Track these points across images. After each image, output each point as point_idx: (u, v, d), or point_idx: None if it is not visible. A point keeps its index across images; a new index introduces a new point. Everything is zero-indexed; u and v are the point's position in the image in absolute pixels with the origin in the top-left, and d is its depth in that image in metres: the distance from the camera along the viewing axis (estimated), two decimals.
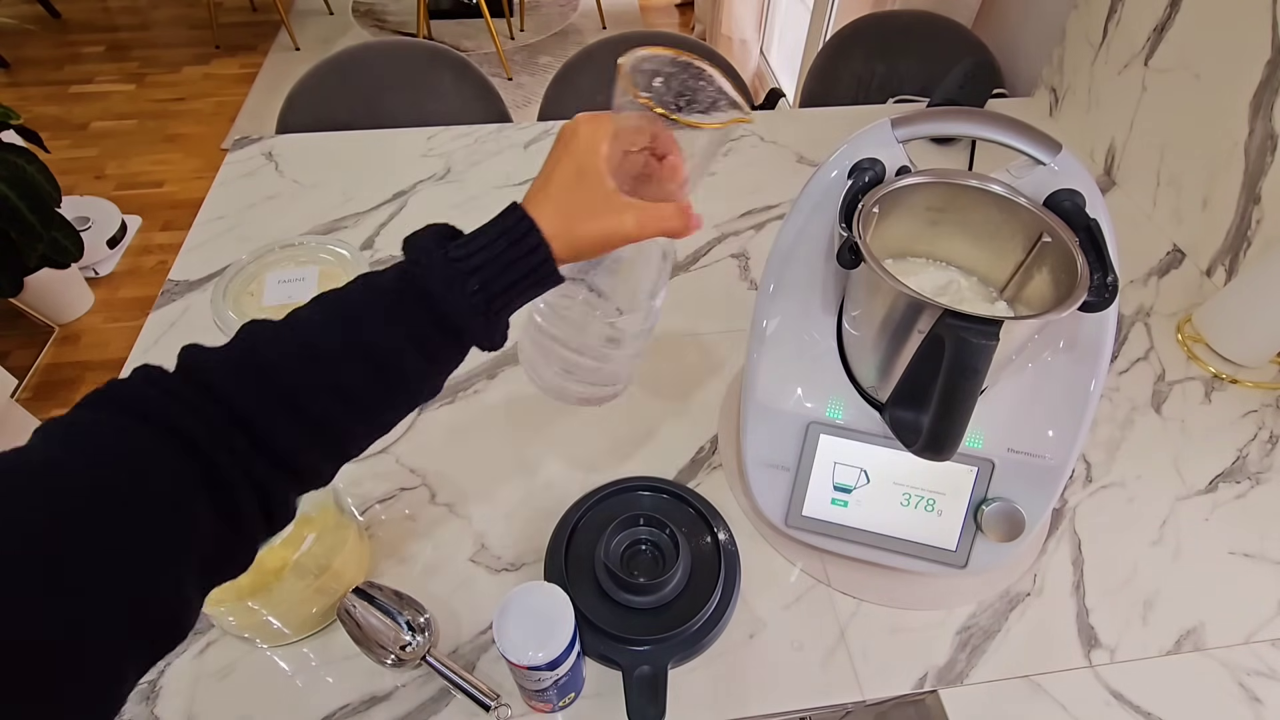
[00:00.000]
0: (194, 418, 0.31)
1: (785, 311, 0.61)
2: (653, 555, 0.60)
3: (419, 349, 0.37)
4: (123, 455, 0.29)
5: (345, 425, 0.36)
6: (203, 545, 0.30)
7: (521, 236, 0.38)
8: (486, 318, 0.38)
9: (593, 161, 0.40)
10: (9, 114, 1.53)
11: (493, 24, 2.85)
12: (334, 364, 0.35)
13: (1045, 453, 0.56)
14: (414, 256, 0.37)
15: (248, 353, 0.34)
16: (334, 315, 0.36)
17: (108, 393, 0.31)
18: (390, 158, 1.08)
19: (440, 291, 0.36)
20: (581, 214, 0.39)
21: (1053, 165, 0.53)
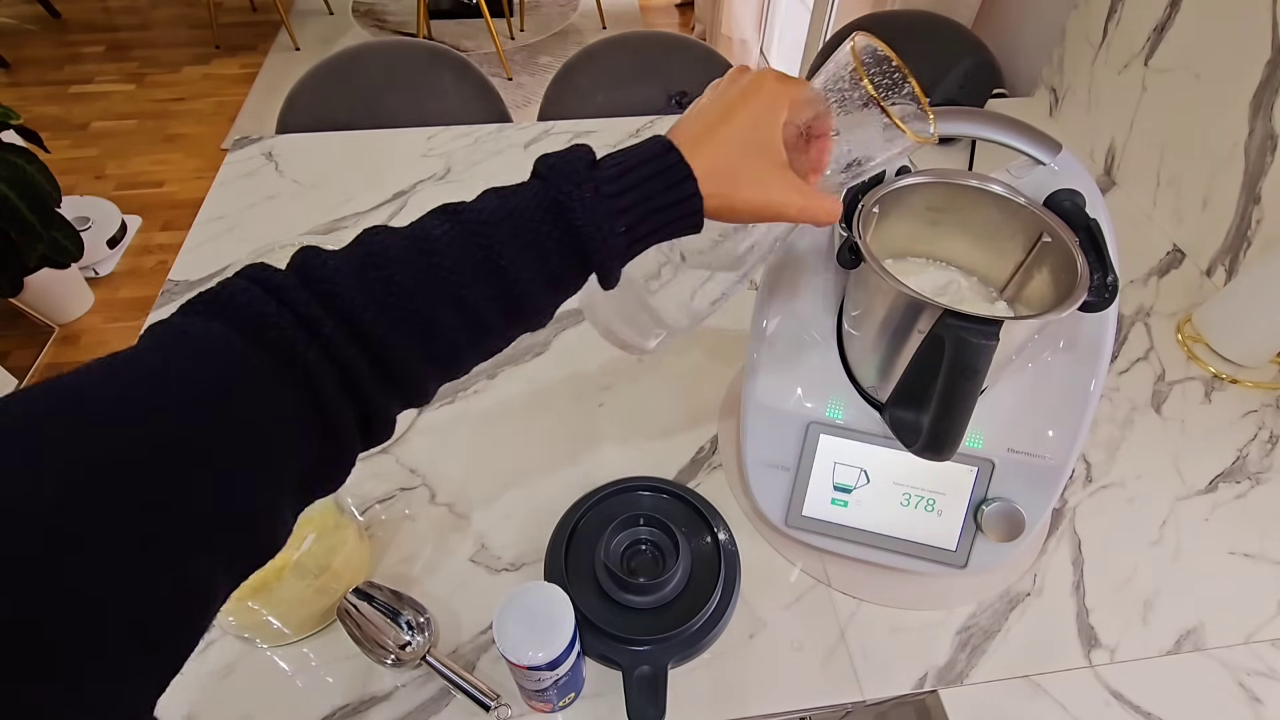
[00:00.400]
0: (308, 331, 0.30)
1: (785, 311, 0.61)
2: (653, 555, 0.60)
3: (548, 277, 0.35)
4: (232, 371, 0.27)
5: (463, 346, 0.35)
6: (304, 464, 0.30)
7: (677, 182, 0.36)
8: (623, 257, 0.36)
9: (773, 124, 0.38)
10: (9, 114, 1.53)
11: (493, 24, 2.85)
12: (465, 283, 0.33)
13: (1045, 453, 0.56)
14: (560, 183, 0.35)
15: (372, 262, 0.32)
16: (467, 231, 0.34)
17: (220, 297, 0.29)
18: (390, 158, 1.07)
19: (589, 227, 0.34)
20: (747, 179, 0.37)
21: (1053, 165, 0.53)
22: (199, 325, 0.28)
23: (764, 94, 0.38)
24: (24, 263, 1.60)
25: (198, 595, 0.25)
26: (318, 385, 0.29)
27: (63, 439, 0.23)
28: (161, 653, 0.24)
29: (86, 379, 0.25)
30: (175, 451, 0.24)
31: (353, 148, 1.09)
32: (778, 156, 0.38)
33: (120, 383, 0.25)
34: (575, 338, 0.82)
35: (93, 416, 0.24)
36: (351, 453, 0.33)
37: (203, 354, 0.27)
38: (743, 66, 0.40)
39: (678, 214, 0.36)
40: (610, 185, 0.35)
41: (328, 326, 0.30)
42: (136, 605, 0.23)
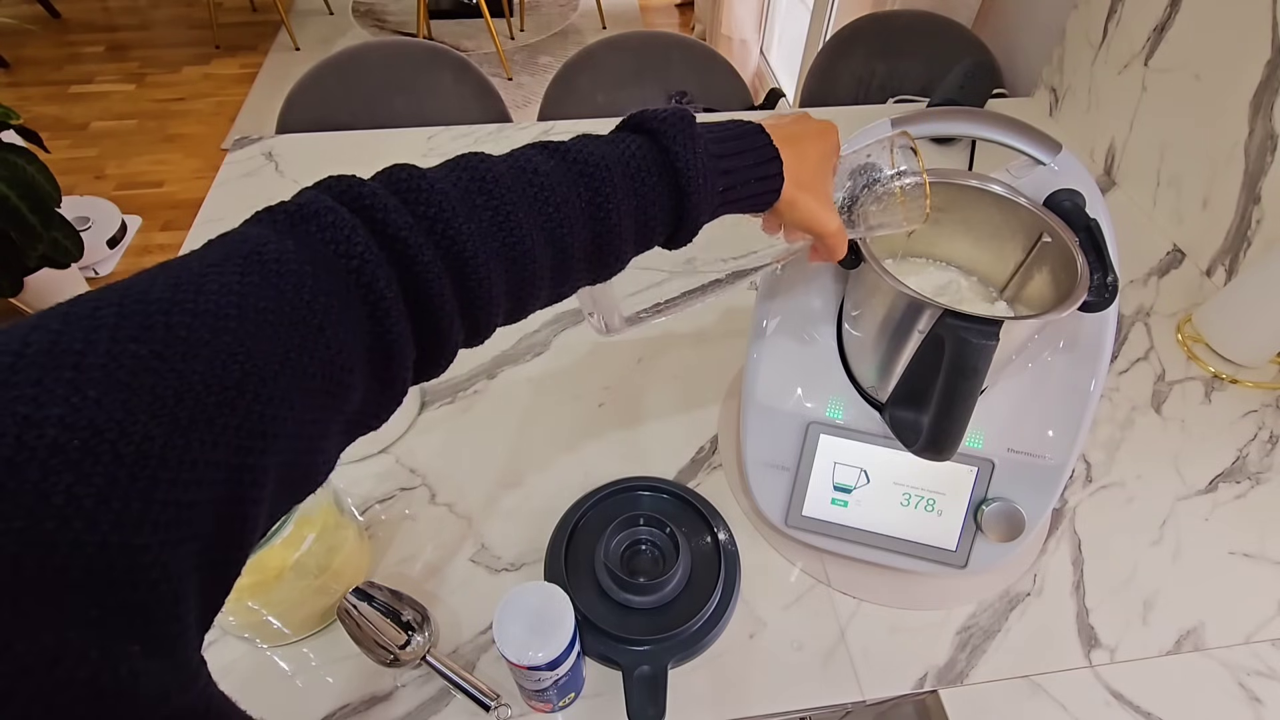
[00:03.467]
0: (397, 260, 0.28)
1: (785, 311, 0.61)
2: (653, 555, 0.60)
3: (641, 226, 0.36)
4: (299, 313, 0.25)
5: (545, 287, 0.35)
6: (358, 398, 0.29)
7: (768, 160, 0.40)
8: (709, 218, 0.39)
9: (831, 162, 0.44)
10: (9, 114, 1.53)
11: (493, 24, 2.85)
12: (570, 222, 0.34)
13: (1045, 453, 0.56)
14: (672, 135, 0.36)
15: (480, 189, 0.32)
16: (576, 171, 0.34)
17: (303, 212, 0.28)
18: (390, 158, 1.06)
19: (696, 180, 0.36)
20: (811, 186, 0.42)
21: (1053, 165, 0.53)
22: (273, 246, 0.26)
23: (833, 138, 0.44)
24: (24, 263, 1.60)
25: (249, 523, 0.25)
26: (389, 324, 0.28)
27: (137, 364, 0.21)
28: (214, 583, 0.24)
29: (140, 308, 0.23)
30: (241, 385, 0.23)
31: (353, 148, 1.09)
32: (830, 183, 0.44)
33: (179, 315, 0.23)
34: (575, 338, 0.82)
35: (162, 343, 0.22)
36: (403, 391, 0.32)
37: (270, 286, 0.25)
38: (808, 115, 0.46)
39: (763, 189, 0.40)
40: (716, 147, 0.38)
41: (427, 254, 0.29)
42: (200, 535, 0.22)
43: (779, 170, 0.40)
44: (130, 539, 0.20)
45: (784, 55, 2.61)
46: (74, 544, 0.19)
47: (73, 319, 0.21)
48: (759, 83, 2.68)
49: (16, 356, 0.20)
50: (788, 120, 0.44)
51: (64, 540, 0.18)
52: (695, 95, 1.31)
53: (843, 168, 0.46)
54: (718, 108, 1.29)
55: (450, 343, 0.32)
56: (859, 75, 1.37)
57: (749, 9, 2.48)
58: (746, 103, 1.34)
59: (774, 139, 0.41)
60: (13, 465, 0.18)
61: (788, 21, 2.56)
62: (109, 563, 0.19)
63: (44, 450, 0.19)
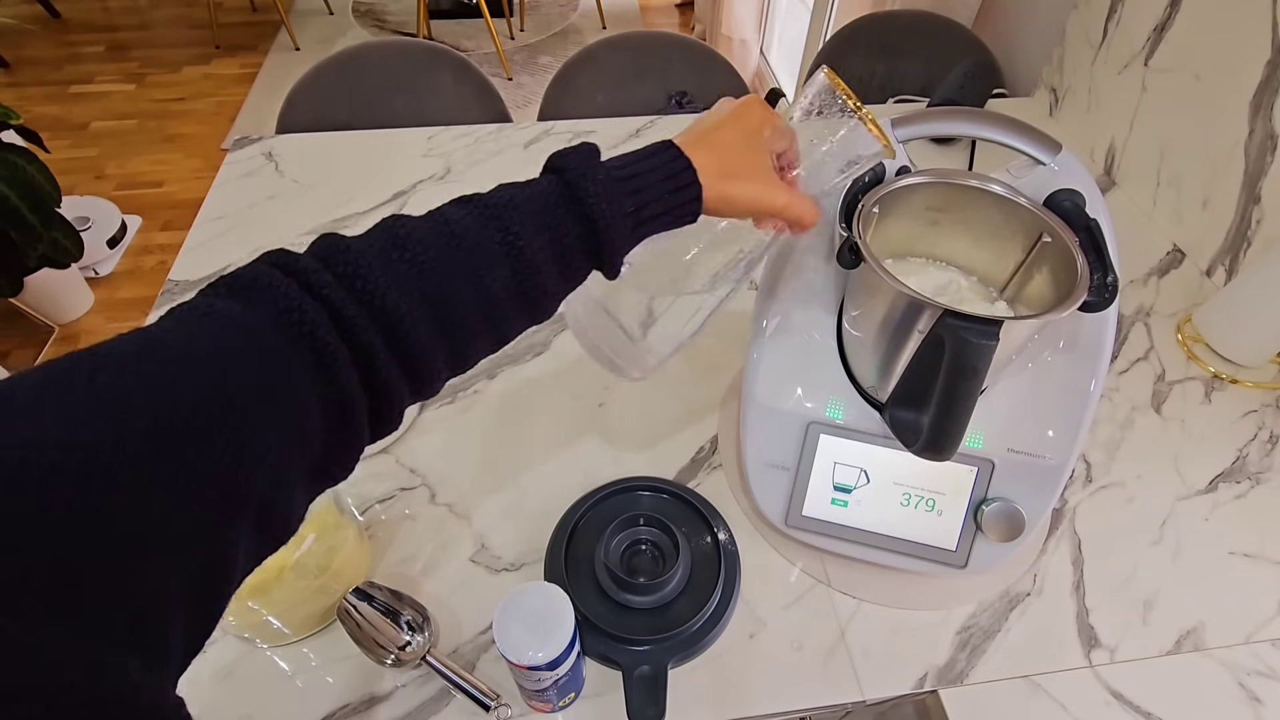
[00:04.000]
0: (329, 314, 0.30)
1: (785, 311, 0.61)
2: (653, 555, 0.60)
3: (560, 260, 0.37)
4: (251, 358, 0.27)
5: (478, 334, 0.36)
6: (317, 448, 0.30)
7: (679, 171, 0.40)
8: (628, 240, 0.39)
9: (760, 136, 0.43)
10: (9, 114, 1.53)
11: (493, 24, 2.85)
12: (485, 265, 0.35)
13: (1045, 453, 0.56)
14: (574, 168, 0.37)
15: (396, 244, 0.33)
16: (486, 216, 0.36)
17: (242, 280, 0.30)
18: (390, 158, 1.07)
19: (600, 205, 0.37)
20: (739, 174, 0.42)
21: (1053, 165, 0.53)
22: (221, 306, 0.28)
23: (754, 112, 0.44)
24: (24, 263, 1.60)
25: (230, 565, 0.26)
26: (335, 370, 0.30)
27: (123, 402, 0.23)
28: (195, 622, 0.25)
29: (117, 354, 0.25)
30: (218, 426, 0.25)
31: (353, 148, 1.09)
32: (765, 159, 0.43)
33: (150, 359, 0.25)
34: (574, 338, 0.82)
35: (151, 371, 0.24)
36: (361, 441, 0.33)
37: (226, 333, 0.27)
38: (730, 98, 0.46)
39: (680, 200, 0.40)
40: (618, 171, 0.39)
41: (350, 309, 0.30)
42: (186, 567, 0.23)
43: (692, 178, 0.40)
44: (128, 551, 0.21)
45: (784, 55, 2.61)
46: (76, 554, 0.20)
47: (55, 368, 0.23)
48: (759, 83, 2.68)
49: (10, 392, 0.22)
50: (702, 118, 0.44)
51: (67, 551, 0.20)
52: (695, 95, 1.31)
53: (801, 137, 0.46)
54: None
55: (394, 392, 0.33)
56: (859, 75, 1.37)
57: (749, 9, 2.48)
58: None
59: (685, 145, 0.41)
60: (16, 483, 0.20)
61: (788, 21, 2.56)
62: (109, 573, 0.21)
63: (44, 469, 0.20)
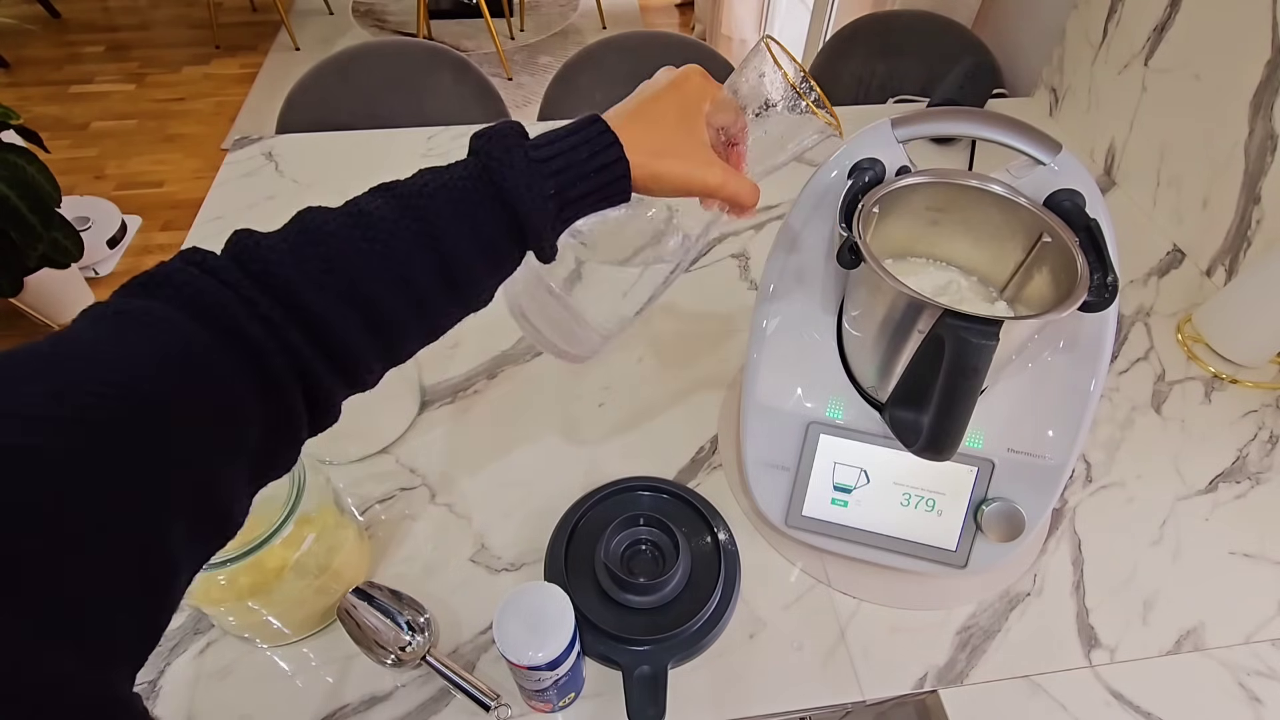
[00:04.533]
0: (248, 309, 0.29)
1: (785, 311, 0.61)
2: (653, 555, 0.60)
3: (484, 247, 0.36)
4: (173, 350, 0.27)
5: (407, 324, 0.35)
6: (251, 444, 0.30)
7: (604, 148, 0.38)
8: (555, 223, 0.37)
9: (697, 109, 0.41)
10: (9, 114, 1.53)
11: (493, 24, 2.85)
12: (402, 257, 0.34)
13: (1045, 453, 0.56)
14: (490, 150, 0.36)
15: (309, 240, 0.33)
16: (401, 205, 0.34)
17: (156, 278, 0.29)
18: (390, 158, 1.07)
19: (519, 190, 0.35)
20: (671, 151, 0.40)
21: (1053, 165, 0.53)
22: (138, 305, 0.28)
23: (691, 84, 0.41)
24: (24, 263, 1.60)
25: (166, 563, 0.26)
26: (263, 360, 0.29)
27: (32, 408, 0.23)
28: (137, 618, 0.25)
29: (26, 355, 0.25)
30: (132, 424, 0.25)
31: (353, 148, 1.09)
32: (700, 135, 0.41)
33: (60, 358, 0.25)
34: None
35: (54, 390, 0.24)
36: (299, 431, 0.33)
37: (146, 329, 0.27)
38: (670, 66, 0.43)
39: (606, 179, 0.38)
40: (538, 151, 0.36)
41: (264, 306, 0.30)
42: (114, 566, 0.23)
43: (618, 154, 0.38)
44: (62, 548, 0.22)
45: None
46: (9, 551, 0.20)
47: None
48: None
49: None
50: (641, 87, 0.42)
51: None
52: None
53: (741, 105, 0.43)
54: None
55: (324, 389, 0.33)
56: (859, 75, 1.37)
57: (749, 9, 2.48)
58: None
59: (614, 119, 0.39)
60: None
61: (788, 21, 2.56)
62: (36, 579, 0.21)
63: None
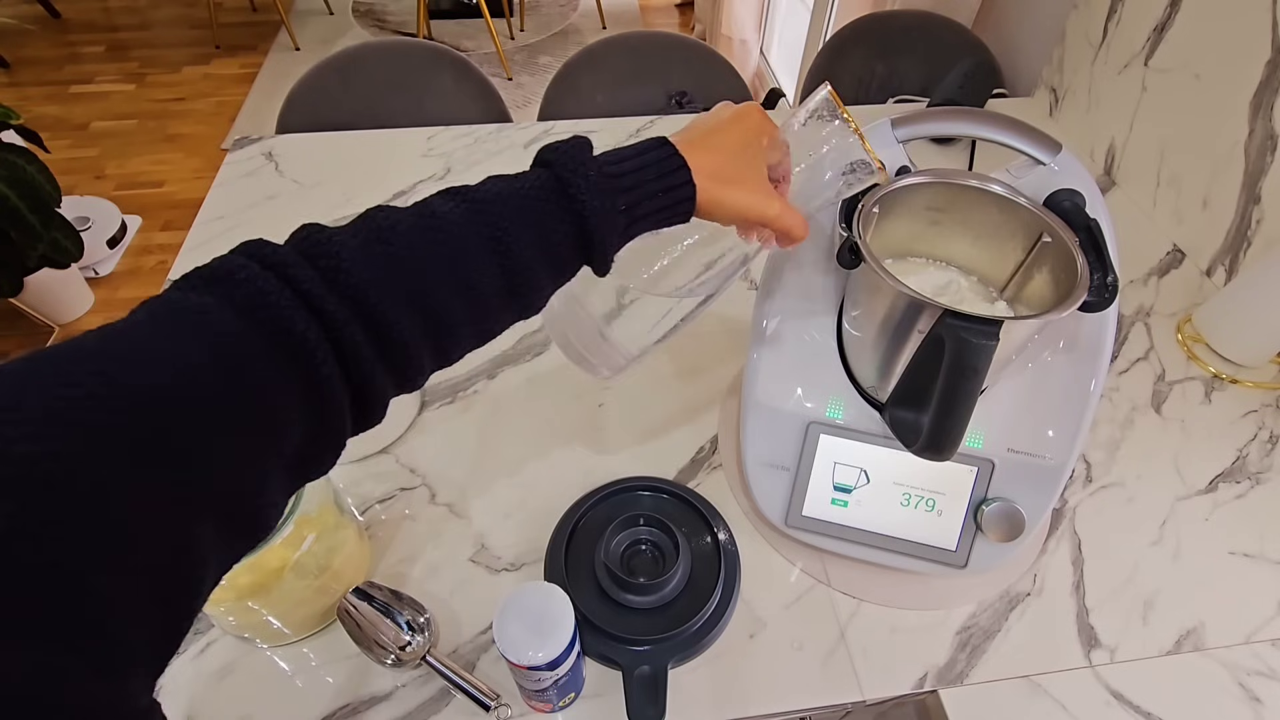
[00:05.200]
0: (307, 307, 0.29)
1: (785, 311, 0.61)
2: (653, 555, 0.60)
3: (549, 256, 0.36)
4: (219, 353, 0.27)
5: (463, 327, 0.35)
6: (295, 443, 0.30)
7: (673, 170, 0.39)
8: (619, 238, 0.39)
9: (758, 143, 0.43)
10: (9, 114, 1.53)
11: (493, 24, 2.85)
12: (469, 260, 0.34)
13: (1045, 453, 0.56)
14: (564, 163, 0.37)
15: (380, 238, 0.33)
16: (472, 210, 0.35)
17: (217, 273, 0.29)
18: (390, 158, 1.07)
19: (591, 203, 0.36)
20: (735, 179, 0.41)
21: (1053, 165, 0.53)
22: (194, 301, 0.28)
23: (753, 118, 0.43)
24: (24, 263, 1.60)
25: (195, 565, 0.25)
26: (314, 364, 0.29)
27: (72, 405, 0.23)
28: (161, 623, 0.24)
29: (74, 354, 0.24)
30: (172, 423, 0.24)
31: (353, 148, 1.09)
32: (761, 167, 0.43)
33: (108, 359, 0.25)
34: None
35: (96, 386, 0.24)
36: (343, 434, 0.32)
37: (197, 330, 0.27)
38: (729, 102, 0.45)
39: (673, 199, 0.39)
40: (611, 167, 0.38)
41: (330, 303, 0.30)
42: (142, 568, 0.23)
43: (686, 177, 0.39)
44: (80, 564, 0.21)
45: (784, 55, 2.61)
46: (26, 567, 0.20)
47: (8, 371, 0.23)
48: (759, 83, 2.68)
49: None
50: (702, 117, 0.44)
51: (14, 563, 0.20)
52: (695, 95, 1.31)
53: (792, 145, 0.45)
54: None
55: (377, 387, 0.32)
56: (859, 75, 1.37)
57: (749, 9, 2.48)
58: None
59: (682, 144, 0.40)
60: None
61: (788, 21, 2.56)
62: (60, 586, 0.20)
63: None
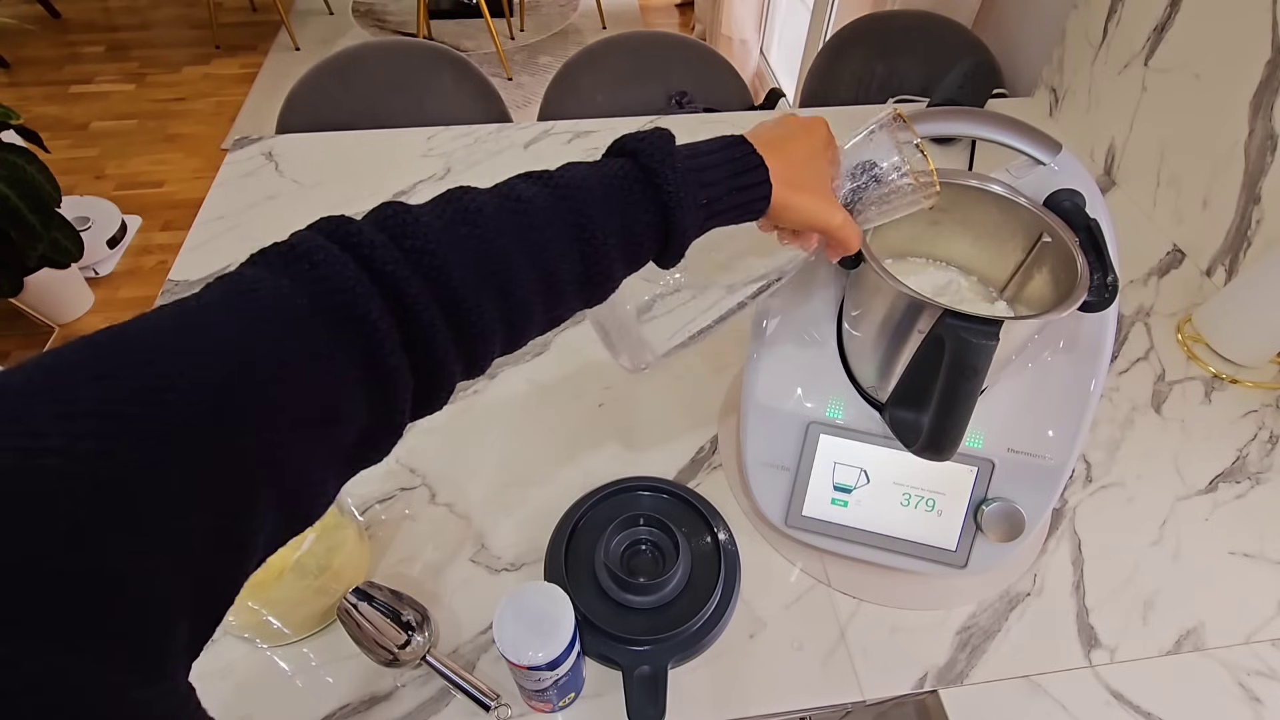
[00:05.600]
0: (386, 293, 0.28)
1: (785, 311, 0.61)
2: (653, 555, 0.60)
3: (629, 245, 0.36)
4: (295, 345, 0.26)
5: (538, 314, 0.35)
6: (355, 432, 0.29)
7: (751, 169, 0.40)
8: (696, 231, 0.39)
9: (824, 156, 0.44)
10: (9, 114, 1.53)
11: (493, 24, 2.85)
12: (551, 246, 0.34)
13: (1045, 453, 0.56)
14: (650, 153, 0.37)
15: (464, 219, 0.32)
16: (557, 195, 0.35)
17: (296, 250, 0.28)
18: (390, 158, 1.07)
19: (677, 194, 0.36)
20: (805, 185, 0.42)
21: (1053, 165, 0.53)
22: (269, 284, 0.27)
23: (822, 132, 0.44)
24: (24, 263, 1.60)
25: (247, 561, 0.25)
26: (383, 356, 0.29)
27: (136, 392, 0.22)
28: (206, 617, 0.24)
29: (150, 338, 0.24)
30: (241, 419, 0.24)
31: (353, 148, 1.09)
32: (826, 178, 0.44)
33: (184, 344, 0.24)
34: (575, 338, 0.82)
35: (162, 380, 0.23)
36: (402, 424, 0.32)
37: (270, 319, 0.26)
38: (794, 115, 0.46)
39: (749, 197, 0.40)
40: (694, 160, 0.38)
41: (414, 286, 0.29)
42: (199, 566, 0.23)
43: (764, 176, 0.40)
44: (128, 566, 0.20)
45: (784, 55, 2.61)
46: (75, 572, 0.19)
47: (72, 355, 0.22)
48: (759, 83, 2.68)
49: (19, 391, 0.20)
50: (770, 124, 0.44)
51: (67, 568, 0.19)
52: (695, 95, 1.31)
53: (844, 162, 0.46)
54: (718, 108, 1.29)
55: (446, 373, 0.32)
56: (859, 75, 1.37)
57: (749, 9, 2.48)
58: (746, 103, 1.33)
59: (757, 145, 0.40)
60: (14, 496, 0.18)
61: (788, 21, 2.56)
62: (108, 590, 0.20)
63: (45, 479, 0.19)
